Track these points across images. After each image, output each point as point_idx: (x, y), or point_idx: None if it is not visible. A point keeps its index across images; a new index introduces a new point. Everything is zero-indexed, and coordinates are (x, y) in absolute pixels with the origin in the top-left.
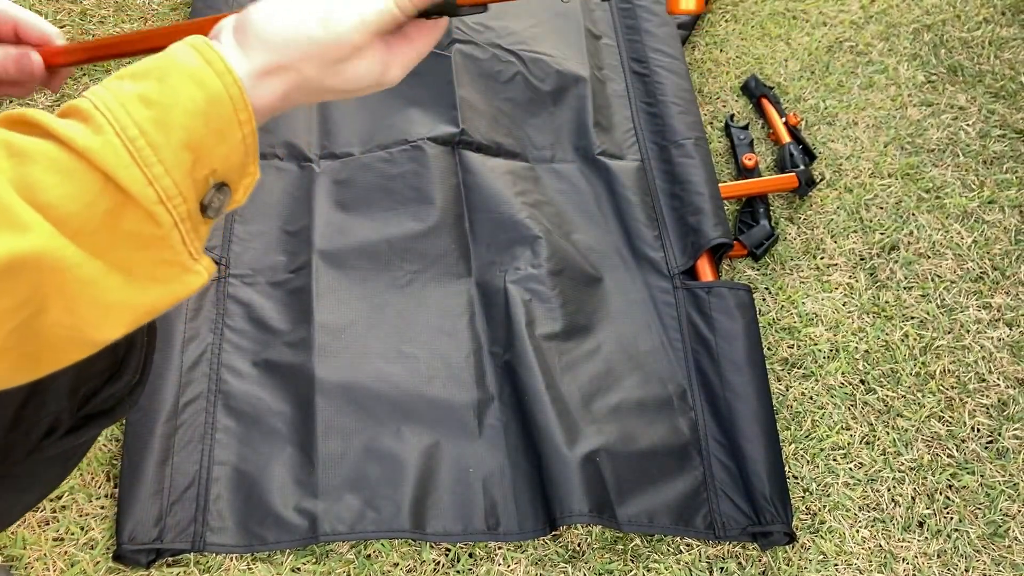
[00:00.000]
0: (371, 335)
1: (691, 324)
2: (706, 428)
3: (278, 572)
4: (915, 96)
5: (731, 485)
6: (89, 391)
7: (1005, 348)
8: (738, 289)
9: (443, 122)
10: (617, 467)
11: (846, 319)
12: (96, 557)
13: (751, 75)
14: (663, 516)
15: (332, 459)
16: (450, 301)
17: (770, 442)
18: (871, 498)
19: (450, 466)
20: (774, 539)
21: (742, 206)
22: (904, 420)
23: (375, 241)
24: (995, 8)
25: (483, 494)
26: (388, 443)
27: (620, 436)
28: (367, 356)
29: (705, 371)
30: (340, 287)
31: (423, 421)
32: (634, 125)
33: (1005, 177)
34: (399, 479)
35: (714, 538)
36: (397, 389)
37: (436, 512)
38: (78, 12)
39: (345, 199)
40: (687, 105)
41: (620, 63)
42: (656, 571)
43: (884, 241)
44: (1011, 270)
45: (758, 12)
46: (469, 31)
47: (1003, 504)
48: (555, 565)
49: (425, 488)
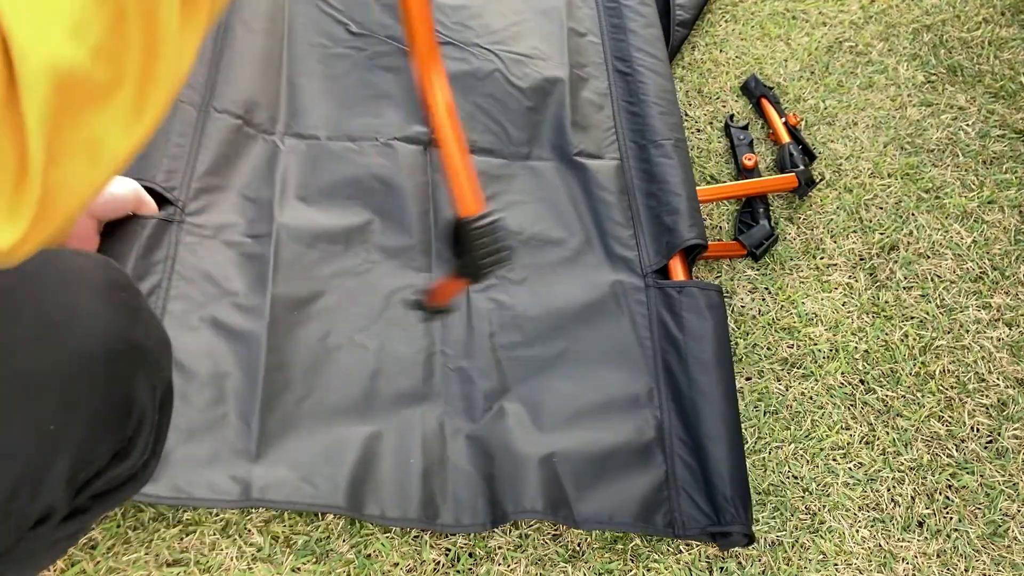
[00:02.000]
0: (324, 318)
1: (661, 323)
2: (671, 427)
3: (278, 572)
4: (915, 96)
5: (693, 484)
6: (91, 474)
7: (1005, 348)
8: (709, 289)
9: (415, 121)
10: (577, 465)
11: (846, 319)
12: (96, 557)
13: (751, 75)
14: (623, 514)
15: (273, 432)
16: (407, 295)
17: (733, 443)
18: (871, 498)
19: (390, 455)
20: (733, 540)
21: (742, 206)
22: (904, 420)
23: (336, 227)
24: (995, 8)
25: (421, 485)
26: (331, 425)
27: (583, 434)
28: (318, 339)
29: (672, 370)
30: (299, 263)
31: (366, 410)
32: (615, 124)
33: (1005, 177)
34: (339, 459)
35: (673, 536)
36: (344, 375)
37: (374, 496)
38: None
39: (308, 182)
40: (668, 106)
41: (604, 61)
42: (656, 571)
43: (884, 241)
44: (1011, 270)
45: (758, 12)
46: (447, 31)
47: (1003, 504)
48: (555, 565)
49: (364, 472)
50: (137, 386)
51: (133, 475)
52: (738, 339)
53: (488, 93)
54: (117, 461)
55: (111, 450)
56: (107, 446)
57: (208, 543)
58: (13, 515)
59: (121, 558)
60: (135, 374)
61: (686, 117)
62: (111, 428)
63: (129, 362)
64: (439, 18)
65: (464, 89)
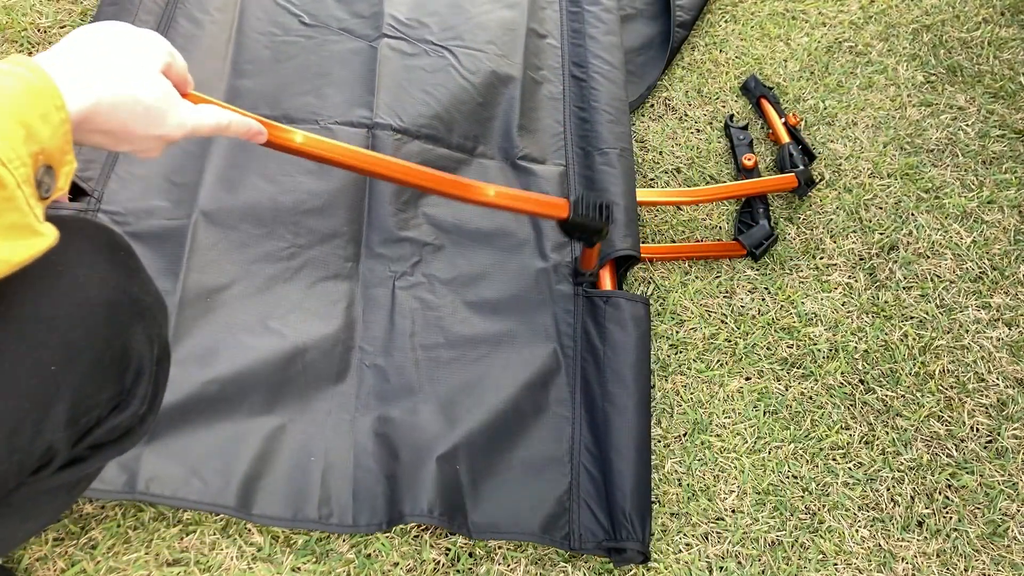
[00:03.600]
0: (239, 303)
1: (584, 332)
2: (580, 437)
3: (278, 572)
4: (914, 96)
5: (595, 497)
6: (91, 421)
7: (1004, 348)
8: (635, 301)
9: (358, 106)
10: (478, 470)
11: (845, 319)
12: (96, 557)
13: (750, 75)
14: (522, 523)
15: (166, 421)
16: (329, 285)
17: (640, 458)
18: (870, 497)
19: (292, 451)
20: (628, 556)
21: (741, 206)
22: (903, 420)
23: (263, 205)
24: (994, 8)
25: (320, 483)
26: (231, 417)
27: (491, 440)
28: (230, 325)
29: (589, 380)
30: (217, 247)
31: (273, 401)
32: (564, 129)
33: (1004, 177)
34: (234, 454)
35: (568, 549)
36: (254, 364)
37: (266, 494)
38: (79, 12)
39: (240, 160)
40: (618, 115)
41: (560, 66)
42: (656, 571)
43: (883, 241)
44: (1010, 270)
45: (757, 12)
46: (400, 27)
47: (1002, 504)
48: (555, 565)
49: (260, 469)
50: (135, 338)
51: (131, 428)
52: (738, 339)
53: (439, 83)
54: (117, 411)
55: (111, 399)
56: (107, 394)
57: (208, 543)
58: (16, 452)
59: (121, 558)
60: (133, 326)
61: (686, 117)
62: (111, 376)
63: (128, 314)
64: (392, 13)
65: (415, 81)
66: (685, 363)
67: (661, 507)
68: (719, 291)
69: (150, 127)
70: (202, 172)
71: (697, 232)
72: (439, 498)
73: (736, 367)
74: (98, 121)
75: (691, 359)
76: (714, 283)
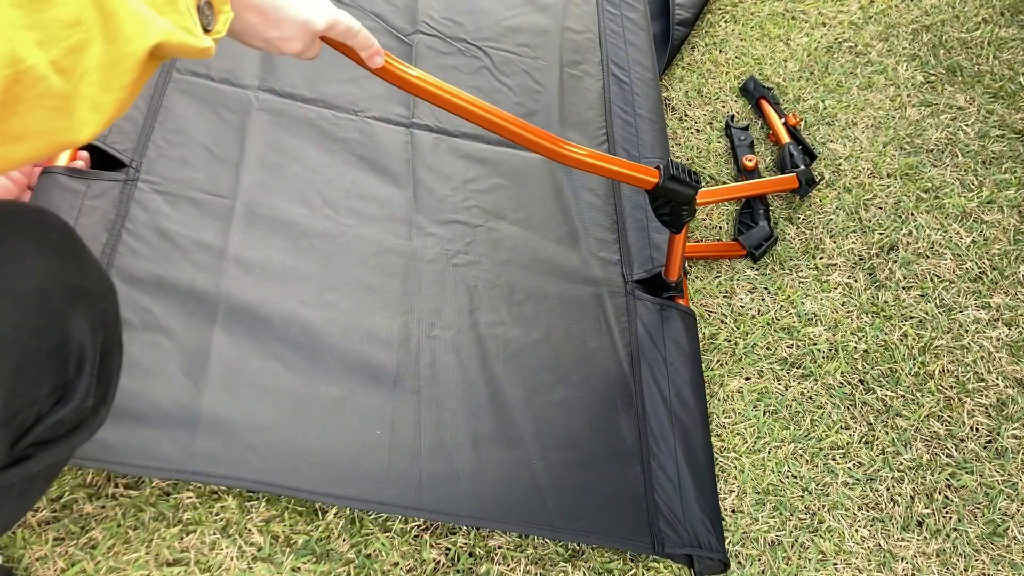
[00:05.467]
0: (289, 276)
1: (645, 335)
2: (649, 437)
3: (278, 572)
4: (914, 96)
5: (671, 501)
6: (30, 418)
7: (1004, 348)
8: (687, 313)
9: (396, 103)
10: (553, 469)
11: (845, 319)
12: (96, 557)
13: (750, 76)
14: (603, 524)
15: (220, 393)
16: (383, 259)
17: (711, 465)
18: (870, 497)
19: (354, 424)
20: (708, 565)
21: (742, 207)
22: (903, 420)
23: (308, 192)
24: (994, 9)
25: (388, 460)
26: (287, 387)
27: (561, 438)
28: (282, 297)
29: (657, 383)
30: (263, 221)
31: (331, 372)
32: (607, 128)
33: (1004, 177)
34: (293, 427)
35: (651, 552)
36: (307, 335)
37: (332, 470)
38: None
39: (283, 145)
40: (660, 123)
41: (600, 60)
42: (656, 570)
43: (883, 241)
44: (1010, 270)
45: (757, 13)
46: (435, 24)
47: (1002, 503)
48: (555, 564)
49: (322, 442)
50: (73, 326)
51: (82, 421)
52: (738, 339)
53: (474, 85)
54: (59, 406)
55: (51, 392)
56: (45, 387)
57: (208, 543)
58: None
59: (121, 558)
60: (70, 313)
61: (686, 117)
62: (48, 369)
63: (62, 301)
64: (428, 11)
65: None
66: None
67: None
68: (719, 291)
69: (301, 6)
70: (243, 151)
71: (697, 232)
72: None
73: (736, 367)
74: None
75: None
76: (714, 283)
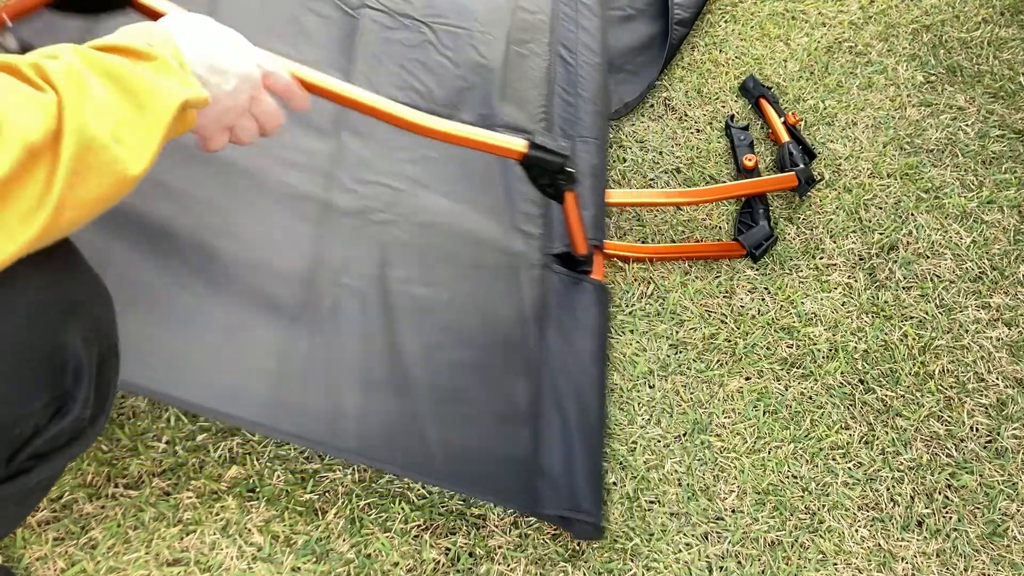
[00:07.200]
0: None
1: (556, 306)
2: (544, 402)
3: (278, 572)
4: (914, 96)
5: (556, 464)
6: (27, 431)
7: (1004, 348)
8: (598, 287)
9: (335, 69)
10: (443, 422)
11: (845, 319)
12: (96, 557)
13: (749, 76)
14: (485, 478)
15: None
16: (299, 204)
17: (599, 439)
18: (870, 497)
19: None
20: (584, 529)
21: (741, 207)
22: (903, 420)
23: None
24: (994, 8)
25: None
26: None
27: (454, 393)
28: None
29: (561, 352)
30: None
31: (230, 301)
32: (547, 106)
33: (1004, 177)
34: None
35: (527, 510)
36: (211, 261)
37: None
38: None
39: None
40: (603, 108)
41: (548, 42)
42: (655, 570)
43: (883, 241)
44: (1010, 270)
45: (757, 13)
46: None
47: (1002, 504)
48: (555, 564)
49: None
50: (69, 338)
51: (80, 432)
52: (738, 339)
53: (415, 58)
54: (57, 418)
55: (47, 405)
56: (41, 400)
57: (208, 543)
58: None
59: (121, 558)
60: (65, 326)
61: (686, 117)
62: (43, 383)
63: (57, 313)
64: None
65: (393, 54)
66: (685, 363)
67: (661, 507)
68: (719, 291)
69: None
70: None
71: (697, 232)
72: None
73: (736, 367)
74: None
75: (691, 359)
76: (714, 283)
